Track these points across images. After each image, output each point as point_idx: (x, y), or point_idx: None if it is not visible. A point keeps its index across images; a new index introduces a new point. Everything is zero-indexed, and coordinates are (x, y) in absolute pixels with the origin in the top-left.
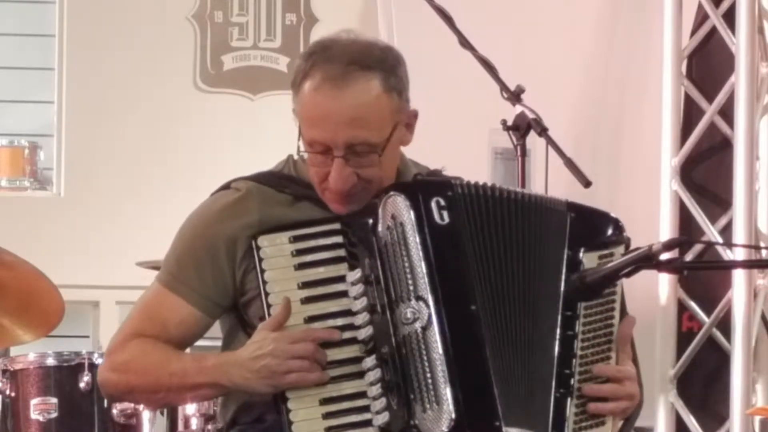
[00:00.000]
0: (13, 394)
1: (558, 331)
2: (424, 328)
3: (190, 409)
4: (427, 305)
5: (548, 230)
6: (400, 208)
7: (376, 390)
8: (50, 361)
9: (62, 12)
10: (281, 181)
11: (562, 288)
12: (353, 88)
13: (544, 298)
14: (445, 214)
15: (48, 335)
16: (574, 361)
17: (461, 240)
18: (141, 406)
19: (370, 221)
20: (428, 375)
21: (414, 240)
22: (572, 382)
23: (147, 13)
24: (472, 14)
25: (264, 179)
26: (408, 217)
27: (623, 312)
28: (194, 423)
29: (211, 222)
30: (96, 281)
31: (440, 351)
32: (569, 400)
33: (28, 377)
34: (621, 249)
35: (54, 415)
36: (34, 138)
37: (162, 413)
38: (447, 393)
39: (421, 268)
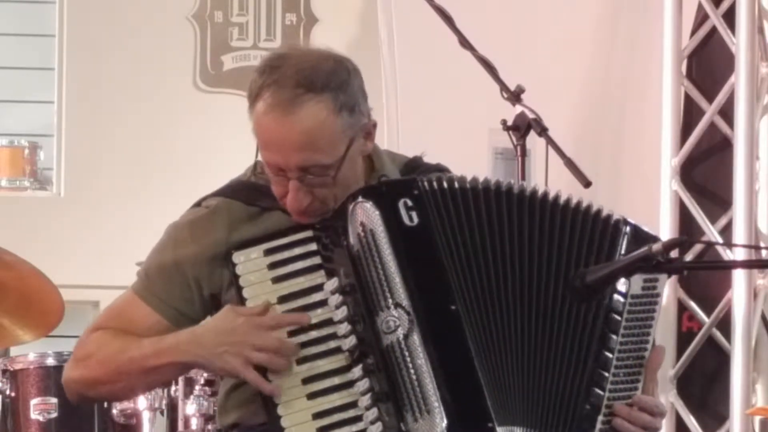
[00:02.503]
0: (13, 394)
1: (593, 345)
2: (406, 336)
3: (190, 409)
4: (406, 312)
5: (572, 233)
6: (368, 214)
7: (366, 400)
8: (50, 361)
9: (62, 12)
10: (250, 194)
11: (605, 303)
12: (301, 113)
13: (559, 298)
14: (414, 214)
15: (48, 335)
16: (607, 375)
17: (432, 239)
18: (141, 407)
19: (341, 228)
20: (416, 383)
21: (385, 246)
22: (603, 398)
23: (147, 13)
24: (472, 14)
25: (233, 193)
26: (377, 223)
27: (653, 341)
28: (194, 423)
29: (179, 239)
30: (96, 281)
31: (424, 357)
32: (598, 418)
33: (28, 377)
34: (664, 277)
35: (54, 415)
36: (34, 138)
37: (162, 413)
38: (436, 400)
39: (396, 274)
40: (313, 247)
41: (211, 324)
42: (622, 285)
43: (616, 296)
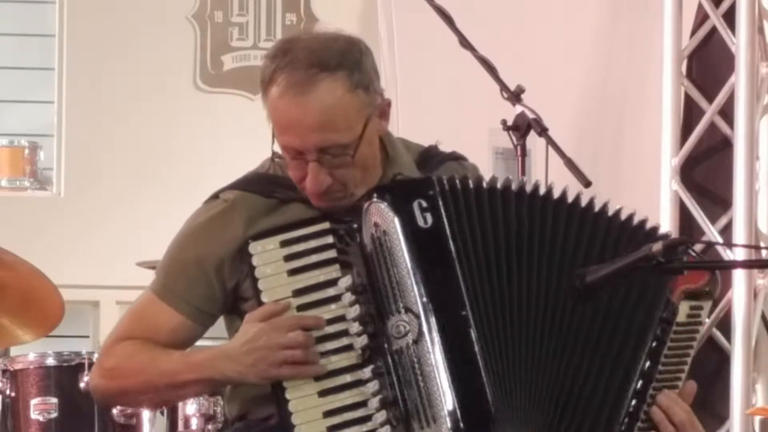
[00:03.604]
0: (13, 394)
1: (632, 368)
2: (416, 341)
3: (190, 409)
4: (417, 316)
5: (603, 244)
6: (382, 214)
7: (376, 402)
8: (50, 361)
9: (62, 12)
10: (268, 186)
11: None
12: (317, 92)
13: (583, 312)
14: (428, 216)
15: (48, 335)
16: (642, 404)
17: (446, 242)
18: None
19: (355, 226)
20: (423, 390)
21: (398, 248)
22: (635, 425)
23: (147, 13)
24: (472, 14)
25: (251, 186)
26: (391, 224)
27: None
28: (194, 423)
29: (198, 236)
30: (96, 281)
31: (433, 364)
32: None
33: (28, 377)
34: (709, 304)
35: (54, 415)
36: (34, 138)
37: (162, 413)
38: (442, 409)
39: (408, 278)
40: (330, 239)
41: (235, 339)
42: (671, 310)
43: (661, 323)
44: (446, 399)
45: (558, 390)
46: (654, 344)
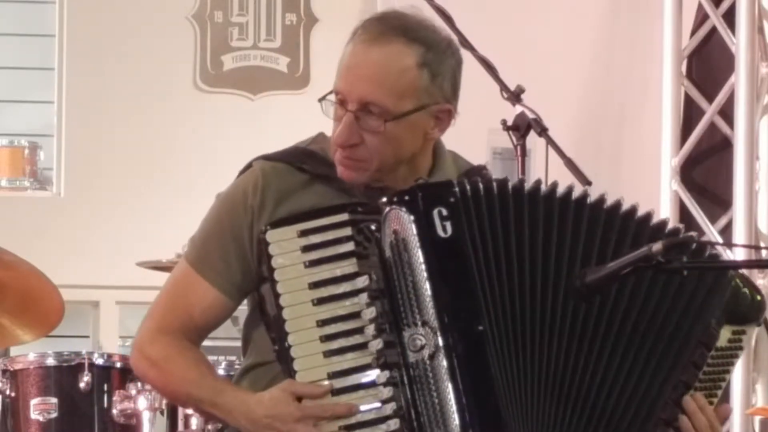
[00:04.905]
0: (13, 394)
1: (664, 390)
2: (432, 357)
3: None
4: (433, 331)
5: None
6: (402, 222)
7: (389, 409)
8: (50, 361)
9: (62, 12)
10: (302, 158)
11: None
12: (385, 48)
13: (616, 328)
14: (448, 225)
15: (48, 335)
16: (675, 420)
17: (466, 252)
18: (141, 407)
19: (374, 227)
20: (438, 407)
21: (416, 259)
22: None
23: (147, 13)
24: (472, 14)
25: (285, 157)
26: (410, 233)
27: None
28: (194, 423)
29: (234, 205)
30: (96, 281)
31: (449, 382)
32: None
33: (28, 377)
34: (754, 327)
35: (54, 415)
36: (34, 138)
37: (162, 413)
38: (456, 429)
39: (426, 290)
40: (348, 231)
41: (266, 399)
42: (712, 336)
43: (699, 347)
44: (461, 421)
45: (579, 411)
46: (689, 369)
